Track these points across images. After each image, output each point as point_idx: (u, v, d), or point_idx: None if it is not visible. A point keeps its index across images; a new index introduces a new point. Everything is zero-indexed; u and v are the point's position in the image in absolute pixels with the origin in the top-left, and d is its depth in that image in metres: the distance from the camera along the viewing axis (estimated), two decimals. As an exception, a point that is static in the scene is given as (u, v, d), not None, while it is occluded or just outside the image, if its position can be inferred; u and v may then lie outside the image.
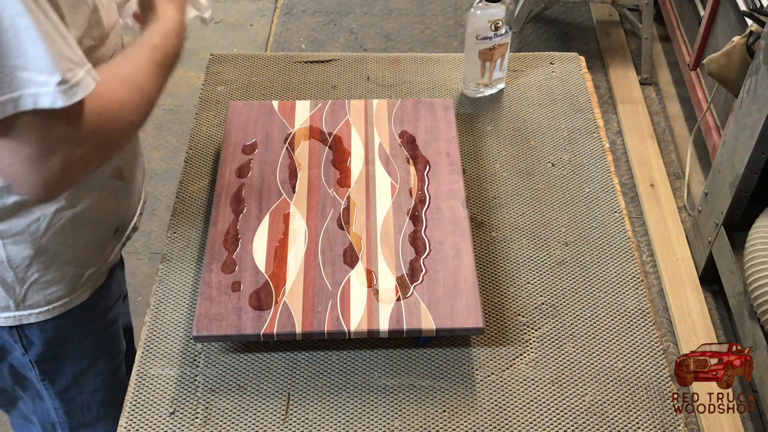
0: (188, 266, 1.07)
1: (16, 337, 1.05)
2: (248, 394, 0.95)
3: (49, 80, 0.73)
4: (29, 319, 1.02)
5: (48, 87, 0.73)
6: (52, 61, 0.73)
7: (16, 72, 0.72)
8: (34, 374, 1.11)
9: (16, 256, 0.97)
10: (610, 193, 1.17)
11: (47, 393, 1.14)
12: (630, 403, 0.95)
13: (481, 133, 1.26)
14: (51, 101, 0.74)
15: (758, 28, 1.89)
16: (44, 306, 1.02)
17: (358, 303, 0.97)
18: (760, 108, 1.81)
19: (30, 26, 0.72)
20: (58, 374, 1.12)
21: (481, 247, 1.10)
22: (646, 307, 1.04)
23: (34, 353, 1.07)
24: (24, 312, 1.01)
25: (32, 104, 0.74)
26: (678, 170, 2.51)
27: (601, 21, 3.06)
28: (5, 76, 0.72)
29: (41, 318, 1.03)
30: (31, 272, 0.99)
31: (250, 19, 3.13)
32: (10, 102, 0.73)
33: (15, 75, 0.73)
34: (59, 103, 0.74)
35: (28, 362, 1.08)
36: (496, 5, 1.20)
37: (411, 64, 1.38)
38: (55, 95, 0.74)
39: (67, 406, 1.16)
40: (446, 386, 0.96)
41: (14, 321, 1.02)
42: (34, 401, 1.18)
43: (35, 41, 0.73)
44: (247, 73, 1.35)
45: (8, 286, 0.99)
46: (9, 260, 0.97)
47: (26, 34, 0.72)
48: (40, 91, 0.73)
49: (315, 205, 1.08)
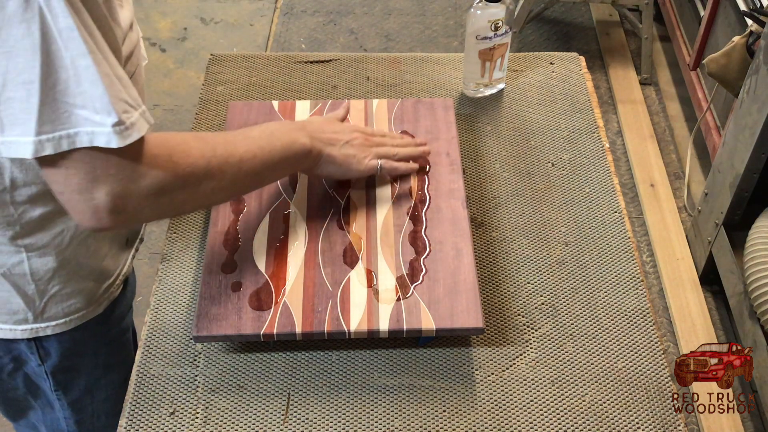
0: (188, 266, 1.07)
1: (33, 349, 1.05)
2: (248, 394, 0.95)
3: (105, 121, 0.75)
4: (46, 332, 1.02)
5: (104, 127, 0.75)
6: (109, 102, 0.75)
7: (74, 109, 0.74)
8: (48, 384, 1.10)
9: (40, 269, 0.97)
10: (610, 193, 1.17)
11: (59, 403, 1.14)
12: (630, 403, 0.95)
13: (481, 133, 1.26)
14: (106, 141, 0.76)
15: (758, 28, 1.89)
16: (62, 318, 1.03)
17: (358, 303, 0.97)
18: (760, 108, 1.81)
19: (90, 67, 0.74)
20: (72, 385, 1.12)
21: (481, 247, 1.10)
22: (646, 307, 1.04)
23: (50, 364, 1.07)
24: (41, 324, 1.02)
25: (88, 142, 0.75)
26: (678, 170, 2.51)
27: (601, 21, 3.06)
28: (63, 113, 0.74)
29: (58, 330, 1.03)
30: (52, 285, 0.99)
31: (250, 19, 3.13)
32: (66, 138, 0.75)
33: (73, 112, 0.75)
34: (114, 144, 0.76)
35: (43, 372, 1.08)
36: (496, 5, 1.20)
37: (411, 64, 1.38)
38: (110, 135, 0.76)
39: (77, 415, 1.16)
40: (446, 386, 0.96)
41: (31, 333, 1.02)
42: (44, 411, 1.17)
43: (94, 82, 0.74)
44: (247, 73, 1.35)
45: (29, 298, 0.99)
46: (32, 273, 0.97)
47: (86, 74, 0.74)
48: (96, 130, 0.75)
49: (315, 205, 1.08)
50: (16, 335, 1.02)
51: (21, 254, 0.95)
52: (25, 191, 0.90)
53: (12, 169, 0.87)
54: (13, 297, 0.98)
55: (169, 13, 3.15)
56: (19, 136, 0.74)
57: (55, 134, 0.74)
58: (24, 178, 0.89)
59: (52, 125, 0.74)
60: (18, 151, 0.75)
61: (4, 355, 1.06)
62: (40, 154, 0.75)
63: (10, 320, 1.00)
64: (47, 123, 0.74)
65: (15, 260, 0.95)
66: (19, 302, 0.98)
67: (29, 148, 0.74)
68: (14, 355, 1.06)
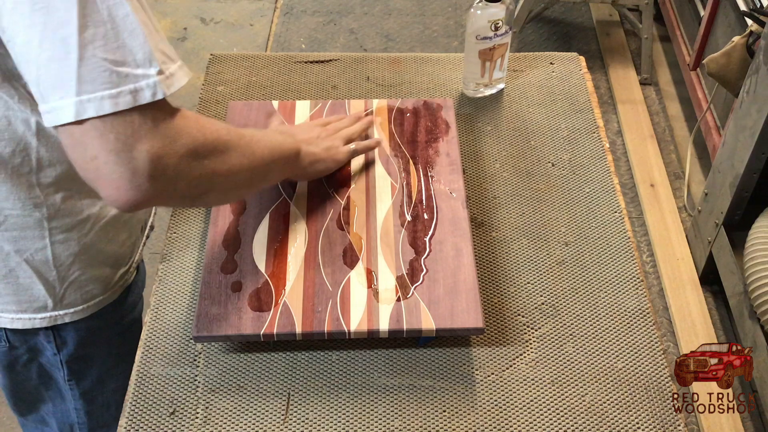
0: (188, 266, 1.07)
1: (50, 337, 1.06)
2: (248, 394, 0.95)
3: (147, 72, 0.73)
4: (64, 319, 1.04)
5: (147, 80, 0.72)
6: (150, 51, 0.73)
7: (115, 66, 0.71)
8: (61, 374, 1.12)
9: (61, 254, 0.98)
10: (610, 193, 1.17)
11: (71, 393, 1.15)
12: (630, 403, 0.95)
13: (481, 133, 1.26)
14: (150, 95, 0.73)
15: (758, 28, 1.89)
16: (80, 305, 1.04)
17: (358, 303, 0.97)
18: (760, 108, 1.81)
19: (129, 15, 0.71)
20: (85, 374, 1.13)
21: (481, 247, 1.10)
22: (646, 307, 1.04)
23: (66, 353, 1.08)
24: (60, 312, 1.03)
25: (132, 101, 0.72)
26: (678, 170, 2.51)
27: (601, 21, 3.06)
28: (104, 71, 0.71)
29: (76, 317, 1.04)
30: (73, 271, 1.00)
31: (250, 19, 3.13)
32: (108, 98, 0.71)
33: (113, 70, 0.71)
34: (158, 95, 0.73)
35: (58, 362, 1.10)
36: (496, 5, 1.20)
37: (411, 64, 1.38)
38: (153, 87, 0.73)
39: (88, 406, 1.17)
40: (446, 386, 0.96)
41: (50, 321, 1.03)
42: (55, 402, 1.18)
43: (133, 31, 0.72)
44: (247, 73, 1.35)
45: (49, 285, 1.00)
46: (54, 258, 0.98)
47: (124, 24, 0.71)
48: (138, 86, 0.72)
49: (315, 205, 1.08)
50: (35, 324, 1.03)
51: (45, 239, 0.96)
52: (51, 172, 0.91)
53: (39, 148, 0.88)
54: (34, 284, 0.99)
55: (169, 13, 3.15)
56: (60, 99, 0.71)
57: (96, 94, 0.71)
58: (50, 157, 0.90)
59: (92, 84, 0.71)
60: (60, 117, 0.71)
61: (21, 346, 1.07)
62: (82, 116, 0.71)
63: (30, 308, 1.01)
64: (88, 82, 0.71)
65: (39, 245, 0.96)
66: (41, 289, 1.00)
67: (71, 111, 0.71)
68: (30, 345, 1.07)
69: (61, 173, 0.92)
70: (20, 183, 0.91)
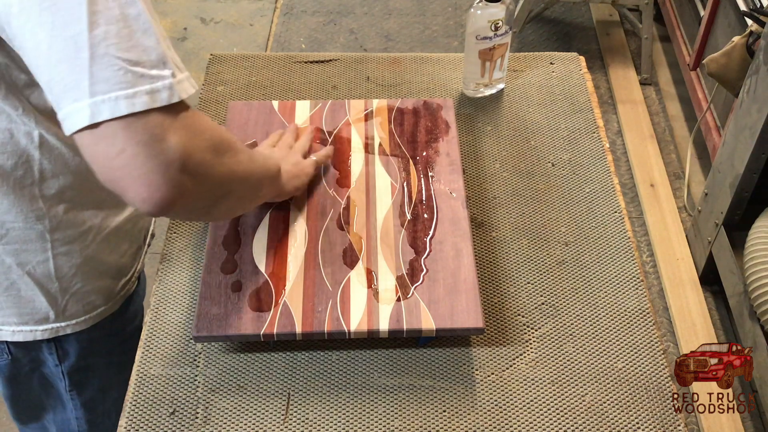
0: (188, 266, 1.07)
1: (52, 349, 1.06)
2: (248, 394, 0.95)
3: (163, 73, 0.70)
4: (66, 330, 1.03)
5: (163, 81, 0.70)
6: (163, 53, 0.70)
7: (129, 66, 0.68)
8: (63, 384, 1.11)
9: (63, 266, 0.97)
10: (610, 193, 1.17)
11: (72, 403, 1.14)
12: (630, 403, 0.95)
13: (481, 133, 1.26)
14: (168, 96, 0.70)
15: (758, 28, 1.89)
16: (82, 316, 1.03)
17: (358, 303, 0.97)
18: (760, 108, 1.81)
19: (141, 14, 0.69)
20: (87, 384, 1.13)
21: (481, 247, 1.10)
22: (646, 307, 1.04)
23: (67, 364, 1.08)
24: (61, 323, 1.02)
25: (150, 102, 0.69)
26: (678, 170, 2.51)
27: (601, 21, 3.06)
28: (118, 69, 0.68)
29: (78, 329, 1.04)
30: (75, 282, 1.00)
31: (250, 19, 3.13)
32: (124, 99, 0.67)
33: (128, 69, 0.68)
34: (175, 98, 0.70)
35: (59, 372, 1.09)
36: (496, 5, 1.20)
37: (411, 64, 1.38)
38: (172, 88, 0.70)
39: (89, 415, 1.17)
40: (446, 386, 0.96)
41: (51, 333, 1.02)
42: (56, 411, 1.18)
43: (146, 31, 0.69)
44: (247, 73, 1.35)
45: (51, 297, 0.99)
46: (56, 271, 0.97)
47: (136, 23, 0.69)
48: (154, 86, 0.69)
49: (315, 205, 1.08)
50: (37, 336, 1.02)
51: (47, 252, 0.95)
52: (54, 183, 0.90)
53: (41, 160, 0.88)
54: (36, 296, 0.99)
55: (169, 13, 3.15)
56: (73, 102, 0.67)
57: (110, 94, 0.67)
58: (53, 169, 0.89)
59: (106, 84, 0.67)
60: (76, 122, 0.68)
61: (23, 358, 1.07)
62: (97, 119, 0.67)
63: (31, 320, 1.01)
64: (101, 82, 0.67)
65: (41, 258, 0.96)
66: (42, 301, 0.99)
67: (86, 113, 0.67)
68: (32, 356, 1.07)
69: (63, 184, 0.91)
70: (23, 195, 0.90)
